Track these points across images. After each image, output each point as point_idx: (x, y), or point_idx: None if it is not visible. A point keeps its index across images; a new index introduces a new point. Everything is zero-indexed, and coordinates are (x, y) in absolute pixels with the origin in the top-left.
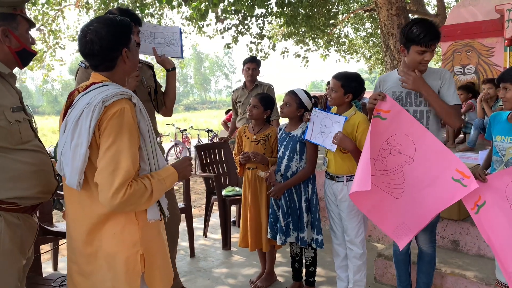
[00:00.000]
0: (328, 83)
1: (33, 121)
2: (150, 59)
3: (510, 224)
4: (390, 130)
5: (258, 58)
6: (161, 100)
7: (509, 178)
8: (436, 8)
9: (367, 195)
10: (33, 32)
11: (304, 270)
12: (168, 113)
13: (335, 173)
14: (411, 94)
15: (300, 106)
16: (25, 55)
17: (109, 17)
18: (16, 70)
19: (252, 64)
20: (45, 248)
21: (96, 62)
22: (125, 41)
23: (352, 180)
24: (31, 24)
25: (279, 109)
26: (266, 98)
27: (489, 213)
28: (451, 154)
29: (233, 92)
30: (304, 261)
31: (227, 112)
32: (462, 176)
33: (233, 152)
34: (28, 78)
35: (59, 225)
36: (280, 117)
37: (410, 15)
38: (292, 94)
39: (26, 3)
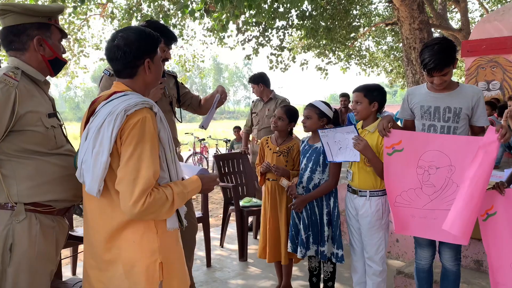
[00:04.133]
0: (342, 95)
1: (63, 127)
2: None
3: None
4: (414, 155)
5: (270, 71)
6: (191, 107)
7: None
8: (460, 23)
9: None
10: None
11: (322, 285)
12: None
13: (358, 187)
14: (439, 109)
15: (321, 116)
16: (57, 64)
17: (139, 27)
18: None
19: (250, 84)
20: (64, 252)
21: (119, 67)
22: (149, 52)
23: (374, 196)
24: (64, 34)
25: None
26: (291, 110)
27: (497, 223)
28: (476, 138)
29: (252, 102)
30: (322, 275)
31: (234, 129)
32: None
33: (255, 163)
34: (52, 85)
35: (79, 230)
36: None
37: (433, 29)
38: (311, 107)
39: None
